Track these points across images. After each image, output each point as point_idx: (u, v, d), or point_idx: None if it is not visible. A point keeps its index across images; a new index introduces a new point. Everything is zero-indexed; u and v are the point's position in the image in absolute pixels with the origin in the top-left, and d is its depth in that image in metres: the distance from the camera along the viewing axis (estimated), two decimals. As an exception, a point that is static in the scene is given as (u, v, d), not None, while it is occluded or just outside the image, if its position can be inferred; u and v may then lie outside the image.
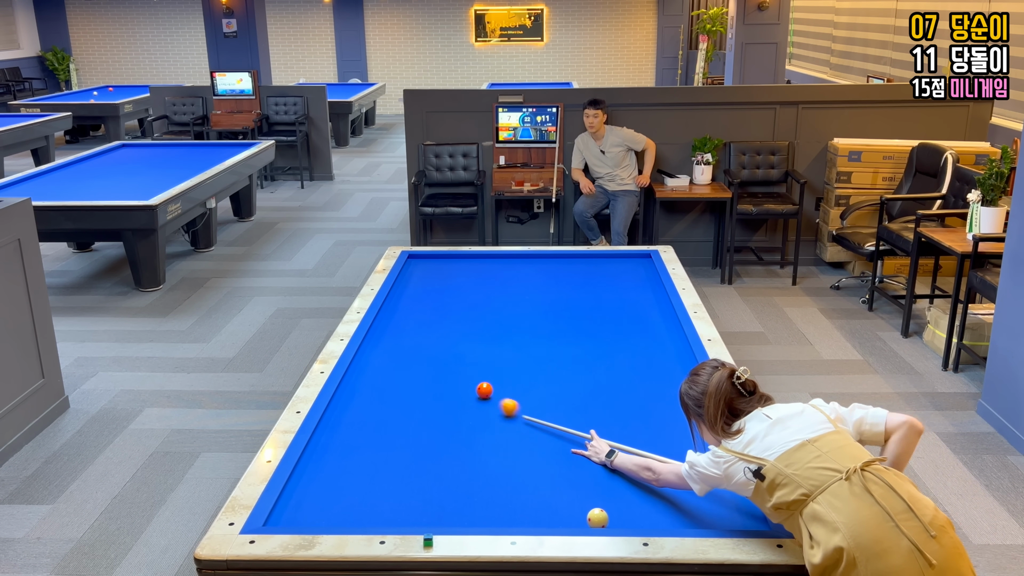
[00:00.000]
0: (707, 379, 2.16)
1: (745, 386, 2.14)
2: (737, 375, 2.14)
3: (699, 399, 2.16)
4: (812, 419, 2.04)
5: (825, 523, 1.83)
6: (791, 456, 1.95)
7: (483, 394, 2.85)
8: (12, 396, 3.98)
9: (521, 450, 2.53)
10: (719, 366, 2.20)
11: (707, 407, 2.12)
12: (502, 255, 4.63)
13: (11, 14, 15.77)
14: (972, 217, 4.77)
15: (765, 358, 4.91)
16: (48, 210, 5.67)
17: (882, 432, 2.08)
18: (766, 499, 1.98)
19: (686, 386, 2.22)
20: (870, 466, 1.89)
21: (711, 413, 2.11)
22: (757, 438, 2.03)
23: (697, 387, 2.18)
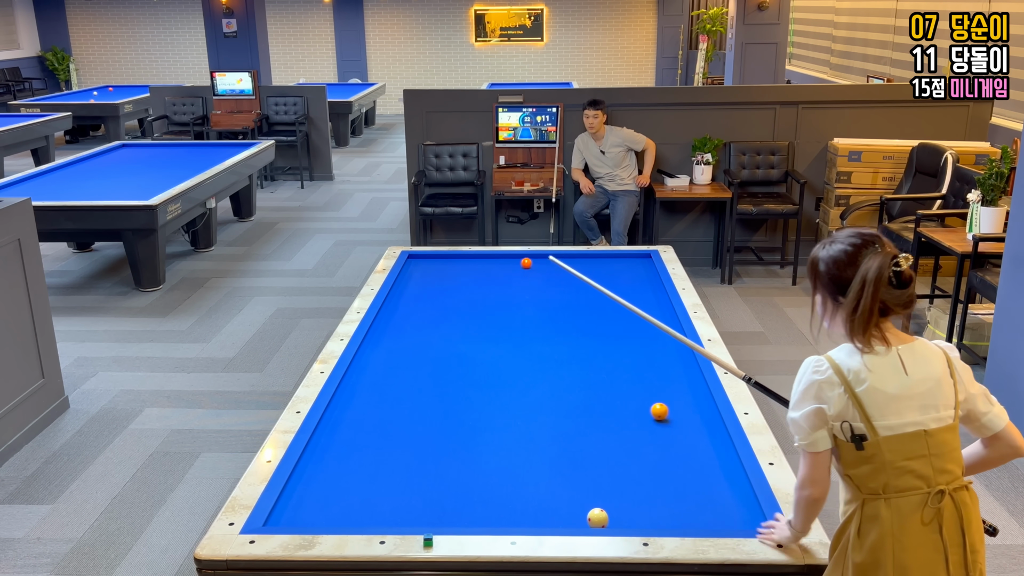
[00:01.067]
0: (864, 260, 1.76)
1: (901, 276, 1.75)
2: (897, 260, 1.75)
3: (840, 278, 1.78)
4: (943, 399, 1.78)
5: (882, 533, 1.74)
6: (901, 443, 1.75)
7: (525, 265, 3.45)
8: (12, 396, 3.98)
9: (521, 450, 2.53)
10: (875, 242, 1.78)
11: (858, 296, 1.75)
12: (502, 255, 4.63)
13: (11, 14, 15.77)
14: (972, 217, 4.77)
15: (765, 358, 4.91)
16: (48, 210, 5.67)
17: (990, 435, 1.87)
18: (842, 460, 1.80)
19: (827, 256, 1.82)
20: (958, 492, 1.77)
21: (865, 305, 1.74)
22: (879, 390, 1.75)
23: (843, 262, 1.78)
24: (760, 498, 2.19)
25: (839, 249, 1.80)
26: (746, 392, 2.80)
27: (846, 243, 1.80)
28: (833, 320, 1.84)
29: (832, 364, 1.80)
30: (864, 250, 1.77)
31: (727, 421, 2.60)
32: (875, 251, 1.76)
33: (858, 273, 1.75)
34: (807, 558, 1.95)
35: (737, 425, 2.56)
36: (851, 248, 1.78)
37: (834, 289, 1.80)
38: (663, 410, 2.20)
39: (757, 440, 2.47)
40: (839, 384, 1.77)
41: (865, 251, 1.77)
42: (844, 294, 1.78)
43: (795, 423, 1.82)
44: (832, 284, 1.80)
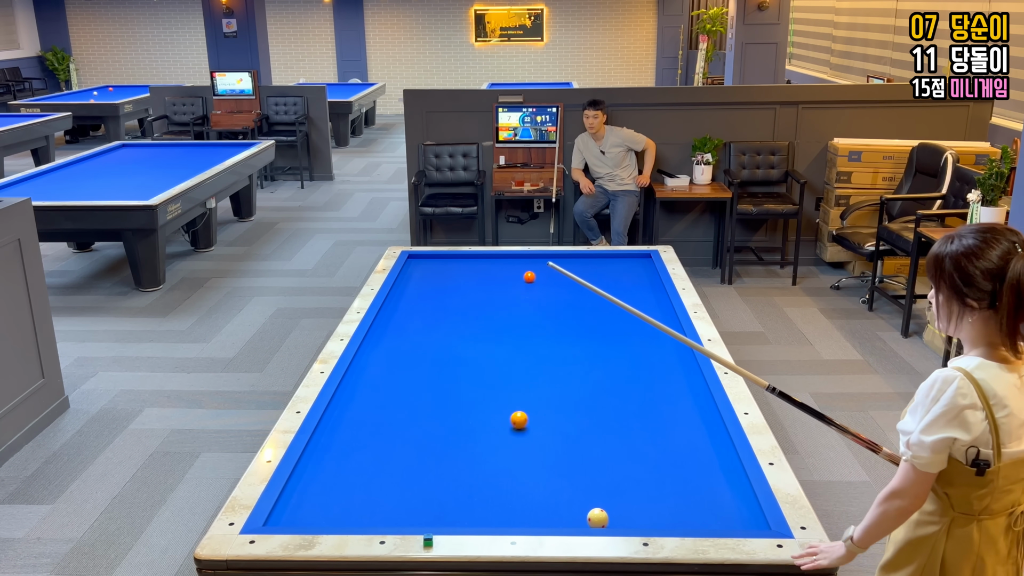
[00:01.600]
0: (1011, 255, 1.58)
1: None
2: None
3: (971, 277, 1.60)
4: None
5: (974, 556, 1.68)
6: (1015, 468, 1.63)
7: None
8: (12, 396, 3.98)
9: (521, 450, 2.53)
10: (1012, 238, 1.60)
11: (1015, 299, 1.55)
12: (502, 255, 4.63)
13: (11, 14, 15.77)
14: (972, 217, 4.77)
15: (765, 358, 4.91)
16: (48, 210, 5.66)
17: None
18: (948, 479, 1.66)
19: (954, 251, 1.64)
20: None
21: (1007, 308, 1.56)
22: (1016, 416, 1.60)
23: (975, 258, 1.60)
24: (760, 498, 2.19)
25: (970, 244, 1.61)
26: (746, 392, 2.80)
27: (978, 238, 1.61)
28: (959, 325, 1.67)
29: (976, 386, 1.61)
30: (999, 243, 1.60)
31: (727, 421, 2.60)
32: (1015, 247, 1.59)
33: (1008, 273, 1.57)
34: (807, 558, 1.95)
35: (737, 425, 2.56)
36: (983, 243, 1.60)
37: (962, 290, 1.63)
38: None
39: (757, 440, 2.47)
40: (982, 409, 1.60)
41: (1001, 245, 1.60)
42: (974, 295, 1.61)
43: (920, 444, 1.64)
44: (961, 284, 1.62)
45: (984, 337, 1.65)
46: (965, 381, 1.61)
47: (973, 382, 1.60)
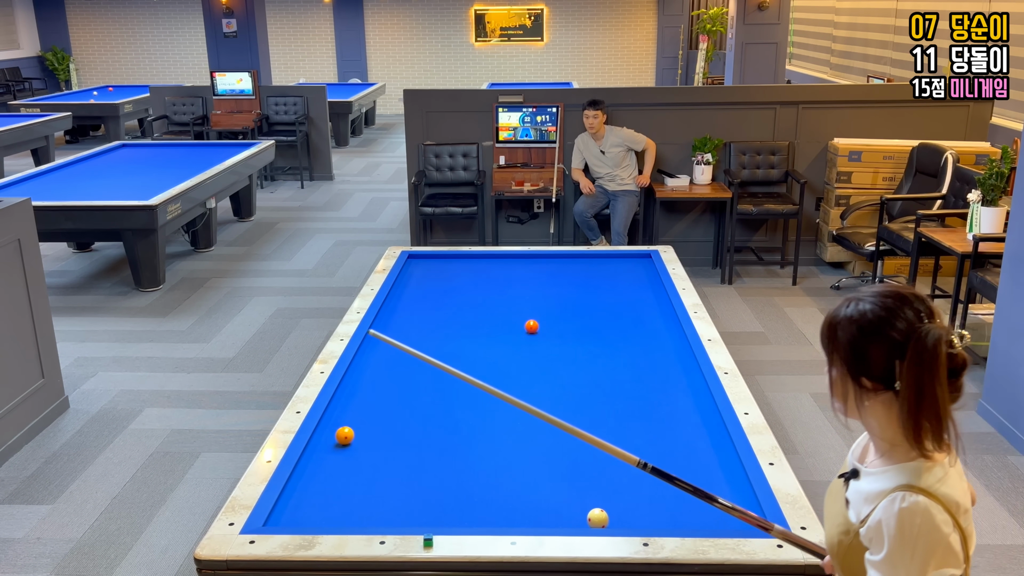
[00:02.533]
0: (917, 326, 1.31)
1: (954, 360, 1.31)
2: (953, 339, 1.31)
3: (868, 352, 1.34)
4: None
5: None
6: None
7: (530, 329, 3.35)
8: (12, 396, 3.98)
9: (521, 450, 2.53)
10: (916, 305, 1.33)
11: (918, 381, 1.30)
12: (502, 255, 4.63)
13: (11, 14, 15.76)
14: (972, 217, 4.77)
15: (765, 358, 4.91)
16: (48, 210, 5.66)
17: None
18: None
19: (849, 317, 1.36)
20: None
21: (940, 395, 1.30)
22: (971, 521, 1.38)
23: (872, 329, 1.33)
24: (760, 498, 2.19)
25: (866, 310, 1.34)
26: (746, 392, 2.80)
27: (877, 303, 1.34)
28: (858, 408, 1.40)
29: (944, 505, 1.32)
30: (902, 311, 1.32)
31: (727, 421, 2.60)
32: (918, 316, 1.32)
33: (910, 357, 1.30)
34: (807, 558, 1.95)
35: (737, 425, 2.56)
36: (882, 310, 1.33)
37: (858, 366, 1.35)
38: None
39: (757, 440, 2.47)
40: (955, 528, 1.33)
41: (903, 313, 1.32)
42: (870, 374, 1.34)
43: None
44: (856, 360, 1.35)
45: (896, 428, 1.37)
46: (930, 504, 1.31)
47: (937, 500, 1.32)
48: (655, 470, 1.69)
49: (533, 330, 3.40)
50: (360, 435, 2.63)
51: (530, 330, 3.40)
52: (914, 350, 1.29)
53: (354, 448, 2.55)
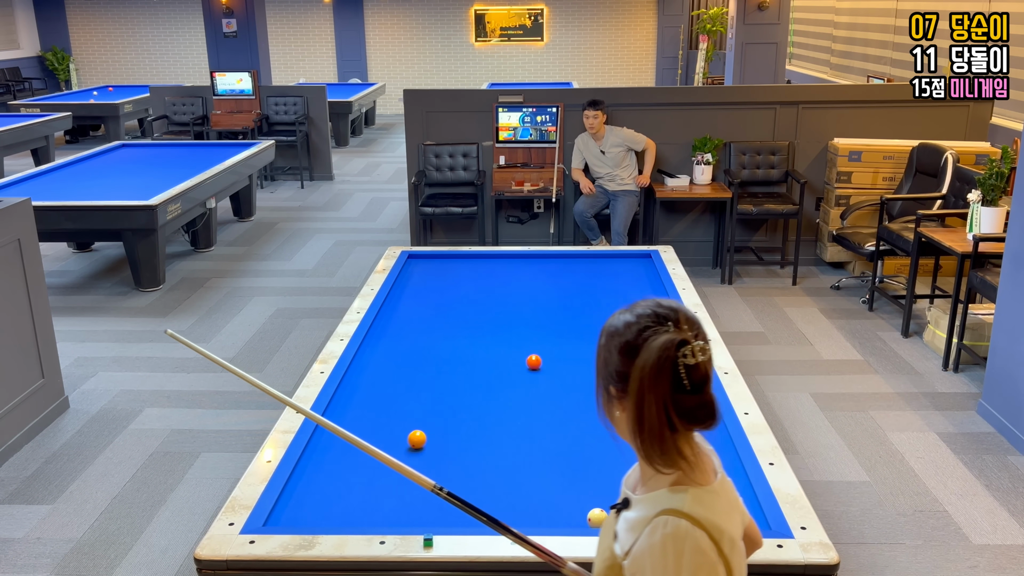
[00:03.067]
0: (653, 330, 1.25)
1: (691, 373, 1.22)
2: (684, 352, 1.22)
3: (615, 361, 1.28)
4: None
5: None
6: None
7: (532, 365, 3.09)
8: (12, 396, 3.98)
9: (521, 450, 2.53)
10: (669, 318, 1.27)
11: (639, 397, 1.23)
12: (502, 255, 4.63)
13: (11, 14, 15.77)
14: (972, 217, 4.77)
15: (765, 358, 4.91)
16: (48, 210, 5.66)
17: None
18: None
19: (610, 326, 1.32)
20: None
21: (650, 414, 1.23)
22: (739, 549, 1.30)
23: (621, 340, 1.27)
24: (760, 498, 2.19)
25: (624, 321, 1.29)
26: (746, 392, 2.80)
27: (634, 314, 1.28)
28: (614, 421, 1.31)
29: (707, 531, 1.24)
30: (655, 322, 1.26)
31: (727, 421, 2.60)
32: (664, 331, 1.24)
33: (636, 363, 1.23)
34: (807, 558, 1.95)
35: (737, 425, 2.56)
36: (636, 322, 1.27)
37: (604, 373, 1.30)
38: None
39: (757, 440, 2.47)
40: (720, 558, 1.24)
41: (654, 324, 1.25)
42: (614, 381, 1.28)
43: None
44: (603, 365, 1.30)
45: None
46: (701, 532, 1.23)
47: (696, 522, 1.23)
48: (450, 495, 1.55)
49: (535, 366, 3.09)
50: (360, 435, 2.63)
51: (532, 366, 3.09)
52: (641, 355, 1.23)
53: (354, 448, 2.55)
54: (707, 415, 1.25)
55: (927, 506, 3.43)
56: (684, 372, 1.22)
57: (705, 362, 1.23)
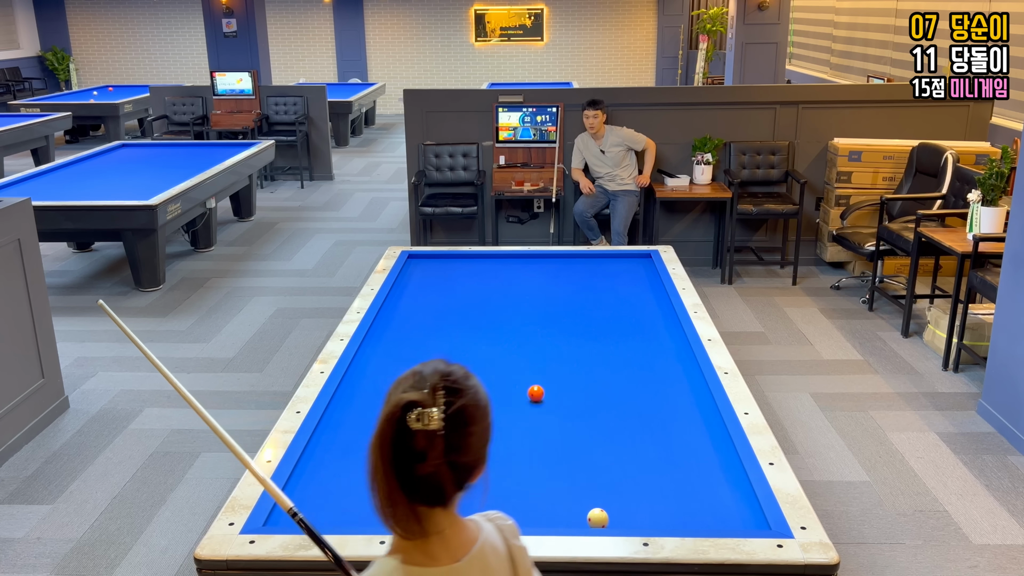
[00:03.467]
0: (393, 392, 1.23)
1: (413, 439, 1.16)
2: (410, 415, 1.16)
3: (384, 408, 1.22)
4: None
5: None
6: None
7: (534, 396, 2.84)
8: (12, 396, 3.98)
9: (521, 450, 2.53)
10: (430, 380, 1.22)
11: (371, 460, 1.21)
12: (502, 255, 4.63)
13: (11, 14, 15.77)
14: (972, 217, 4.77)
15: (765, 358, 4.91)
16: (48, 210, 5.66)
17: None
18: None
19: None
20: None
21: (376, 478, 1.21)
22: None
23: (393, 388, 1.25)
24: (760, 498, 2.19)
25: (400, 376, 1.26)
26: (746, 392, 2.80)
27: (410, 370, 1.27)
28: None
29: None
30: (414, 378, 1.22)
31: (727, 421, 2.60)
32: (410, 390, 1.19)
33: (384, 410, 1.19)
34: (807, 558, 1.95)
35: (737, 425, 2.56)
36: (402, 378, 1.24)
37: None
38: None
39: (757, 440, 2.47)
40: None
41: (412, 379, 1.21)
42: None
43: None
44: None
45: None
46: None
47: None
48: (302, 521, 1.46)
49: (538, 397, 2.84)
50: (360, 435, 2.63)
51: (534, 398, 2.84)
52: (384, 412, 1.18)
53: (354, 448, 2.55)
54: (430, 494, 1.17)
55: (927, 506, 3.43)
56: (407, 437, 1.15)
57: (429, 432, 1.14)
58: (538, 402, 2.83)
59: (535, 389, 2.86)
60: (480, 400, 1.23)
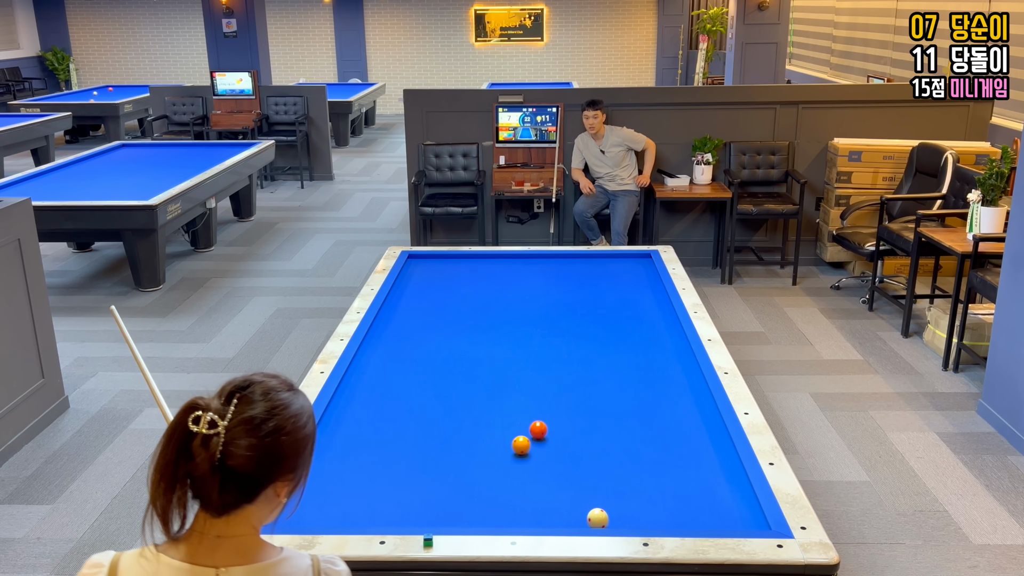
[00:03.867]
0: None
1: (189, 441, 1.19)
2: (193, 415, 1.21)
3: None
4: None
5: None
6: None
7: (536, 434, 2.58)
8: (12, 396, 3.98)
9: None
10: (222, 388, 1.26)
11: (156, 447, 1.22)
12: (502, 255, 4.63)
13: (11, 14, 15.76)
14: (972, 217, 4.77)
15: (765, 358, 4.91)
16: (48, 210, 5.66)
17: None
18: None
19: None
20: None
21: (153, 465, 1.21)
22: None
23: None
24: (760, 498, 2.19)
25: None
26: (746, 392, 2.80)
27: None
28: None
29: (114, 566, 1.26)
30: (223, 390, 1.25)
31: (727, 421, 2.60)
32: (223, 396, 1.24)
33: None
34: (807, 558, 1.95)
35: (737, 425, 2.56)
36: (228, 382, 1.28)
37: None
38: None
39: (757, 440, 2.47)
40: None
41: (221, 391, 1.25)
42: None
43: None
44: None
45: None
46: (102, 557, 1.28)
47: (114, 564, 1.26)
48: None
49: (540, 434, 2.59)
50: (360, 435, 2.63)
51: (536, 435, 2.58)
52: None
53: (354, 448, 2.55)
54: (197, 494, 1.20)
55: (927, 506, 3.43)
56: (185, 436, 1.19)
57: (203, 436, 1.18)
58: (540, 439, 2.57)
59: (537, 425, 2.59)
60: (281, 420, 1.23)
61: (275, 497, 1.25)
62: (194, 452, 1.18)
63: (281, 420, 1.23)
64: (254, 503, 1.23)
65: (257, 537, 1.27)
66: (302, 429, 1.28)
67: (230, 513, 1.22)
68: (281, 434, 1.23)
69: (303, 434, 1.28)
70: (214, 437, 1.18)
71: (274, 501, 1.26)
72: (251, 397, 1.23)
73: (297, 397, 1.29)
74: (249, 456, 1.19)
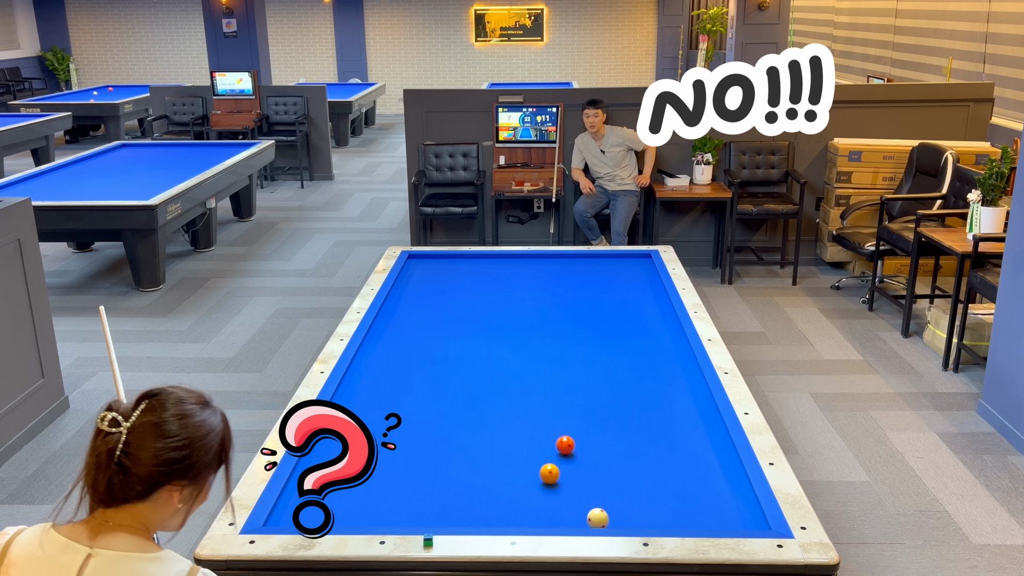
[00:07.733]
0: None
1: (96, 435, 1.34)
2: (101, 413, 1.35)
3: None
4: None
5: None
6: None
7: (563, 449, 2.50)
8: (12, 396, 3.98)
9: (521, 450, 2.53)
10: (141, 395, 1.38)
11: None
12: (502, 255, 4.63)
13: (11, 14, 15.76)
14: (972, 217, 4.77)
15: (765, 358, 4.91)
16: (48, 210, 5.66)
17: None
18: None
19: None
20: None
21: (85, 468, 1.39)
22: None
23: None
24: (760, 498, 2.19)
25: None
26: (746, 392, 2.80)
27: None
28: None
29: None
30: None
31: (727, 421, 2.60)
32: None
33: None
34: (807, 558, 1.95)
35: (737, 425, 2.56)
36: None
37: None
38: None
39: (757, 440, 2.47)
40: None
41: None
42: None
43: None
44: None
45: None
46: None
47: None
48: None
49: (567, 450, 2.50)
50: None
51: (563, 451, 2.50)
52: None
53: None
54: (90, 481, 1.38)
55: (927, 506, 3.43)
56: (95, 433, 1.34)
57: (107, 434, 1.32)
58: (567, 455, 2.49)
59: (564, 440, 2.51)
60: (182, 429, 1.34)
61: (170, 501, 1.37)
62: (97, 446, 1.33)
63: (182, 429, 1.34)
64: (146, 501, 1.35)
65: (143, 533, 1.39)
66: (202, 440, 1.36)
67: (120, 506, 1.37)
68: (179, 441, 1.34)
69: (202, 444, 1.36)
70: (114, 434, 1.31)
71: (170, 505, 1.37)
72: (160, 405, 1.35)
73: (206, 412, 1.40)
74: (144, 457, 1.31)
